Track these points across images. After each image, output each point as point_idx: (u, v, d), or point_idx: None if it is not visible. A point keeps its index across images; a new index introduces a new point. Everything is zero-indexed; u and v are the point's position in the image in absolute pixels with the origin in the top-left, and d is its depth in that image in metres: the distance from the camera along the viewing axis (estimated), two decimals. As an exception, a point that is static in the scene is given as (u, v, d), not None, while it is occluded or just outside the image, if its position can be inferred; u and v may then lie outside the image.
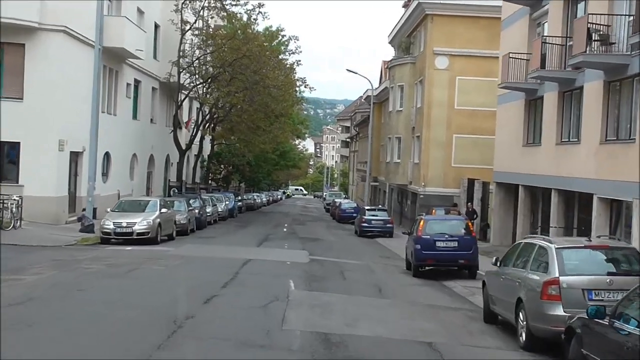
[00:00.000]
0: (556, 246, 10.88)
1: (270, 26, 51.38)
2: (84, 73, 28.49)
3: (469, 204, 32.73)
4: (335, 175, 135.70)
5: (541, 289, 10.41)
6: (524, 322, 10.88)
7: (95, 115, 27.52)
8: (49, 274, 15.61)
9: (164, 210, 26.18)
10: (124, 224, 24.43)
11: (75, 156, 30.18)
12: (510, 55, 25.39)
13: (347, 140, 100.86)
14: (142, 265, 18.28)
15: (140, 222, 24.59)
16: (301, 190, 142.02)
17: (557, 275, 10.38)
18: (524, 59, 25.13)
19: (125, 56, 34.73)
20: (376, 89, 54.07)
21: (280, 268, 19.85)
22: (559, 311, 10.20)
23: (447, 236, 20.29)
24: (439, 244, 20.12)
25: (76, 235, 25.16)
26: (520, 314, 11.05)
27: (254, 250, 25.37)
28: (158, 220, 25.24)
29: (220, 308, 12.76)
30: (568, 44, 21.88)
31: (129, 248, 22.96)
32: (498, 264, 12.87)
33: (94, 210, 27.45)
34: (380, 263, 24.20)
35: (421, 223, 20.78)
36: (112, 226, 24.35)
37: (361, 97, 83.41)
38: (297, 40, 48.36)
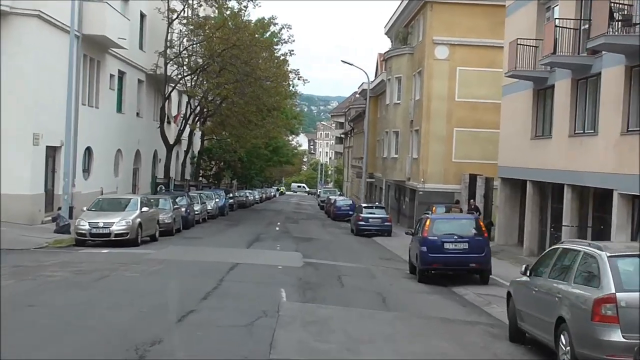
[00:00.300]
0: (609, 254, 8.85)
1: (263, 17, 49.69)
2: (62, 62, 26.87)
3: (472, 200, 31.21)
4: (330, 172, 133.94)
5: (591, 308, 8.41)
6: (568, 348, 8.88)
7: (72, 106, 25.75)
8: (4, 285, 13.55)
9: (145, 209, 24.24)
10: (101, 224, 22.53)
11: (52, 151, 28.39)
12: (519, 41, 23.76)
13: (342, 136, 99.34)
14: (115, 271, 16.37)
15: (118, 222, 22.70)
16: (304, 187, 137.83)
17: (613, 290, 8.36)
18: (532, 46, 23.78)
19: (107, 45, 32.92)
20: (372, 82, 52.35)
21: (270, 274, 17.96)
22: (616, 336, 8.23)
23: (456, 237, 18.34)
24: (447, 245, 18.14)
25: (50, 236, 23.31)
26: (562, 337, 9.05)
27: (244, 252, 23.59)
28: (138, 219, 23.36)
29: (196, 329, 10.63)
30: (582, 28, 20.36)
31: (105, 251, 21.06)
32: (528, 273, 10.81)
33: (71, 209, 25.69)
34: (380, 266, 22.40)
35: (427, 223, 18.77)
36: (87, 227, 22.44)
37: (356, 92, 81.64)
38: (290, 28, 46.24)
